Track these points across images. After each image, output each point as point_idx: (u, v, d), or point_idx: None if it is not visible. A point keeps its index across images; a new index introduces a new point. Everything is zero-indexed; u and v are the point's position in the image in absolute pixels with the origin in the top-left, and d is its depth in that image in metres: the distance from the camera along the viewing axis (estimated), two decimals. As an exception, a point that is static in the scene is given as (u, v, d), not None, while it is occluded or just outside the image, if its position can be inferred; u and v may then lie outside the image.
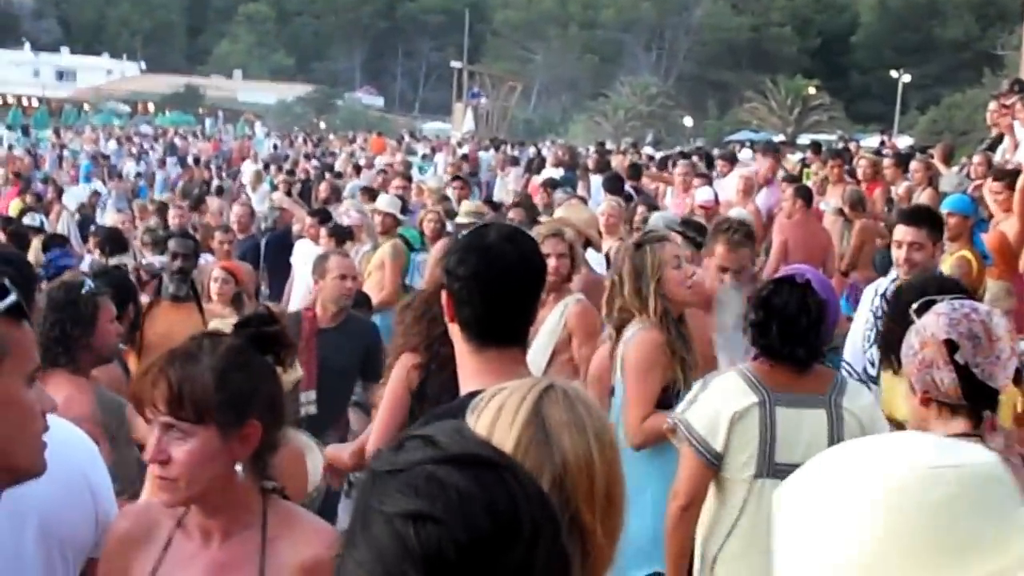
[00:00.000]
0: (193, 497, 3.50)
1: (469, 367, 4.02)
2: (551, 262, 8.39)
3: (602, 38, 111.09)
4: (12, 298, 2.94)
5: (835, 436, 5.37)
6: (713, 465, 5.55)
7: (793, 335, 5.40)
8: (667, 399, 6.39)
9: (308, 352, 8.86)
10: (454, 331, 4.05)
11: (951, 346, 4.10)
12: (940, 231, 8.27)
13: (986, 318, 4.19)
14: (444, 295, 4.02)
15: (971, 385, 4.10)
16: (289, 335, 3.85)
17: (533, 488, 1.98)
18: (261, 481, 3.62)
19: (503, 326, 3.99)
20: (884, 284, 8.47)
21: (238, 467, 3.59)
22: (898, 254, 8.02)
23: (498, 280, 3.94)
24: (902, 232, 8.02)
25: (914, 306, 4.31)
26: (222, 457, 3.47)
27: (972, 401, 4.12)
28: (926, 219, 8.21)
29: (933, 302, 4.40)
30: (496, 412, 2.71)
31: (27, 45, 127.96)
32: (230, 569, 3.62)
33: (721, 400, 5.50)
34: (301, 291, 15.24)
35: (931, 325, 4.18)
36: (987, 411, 4.15)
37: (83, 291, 6.64)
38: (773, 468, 5.39)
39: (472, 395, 3.90)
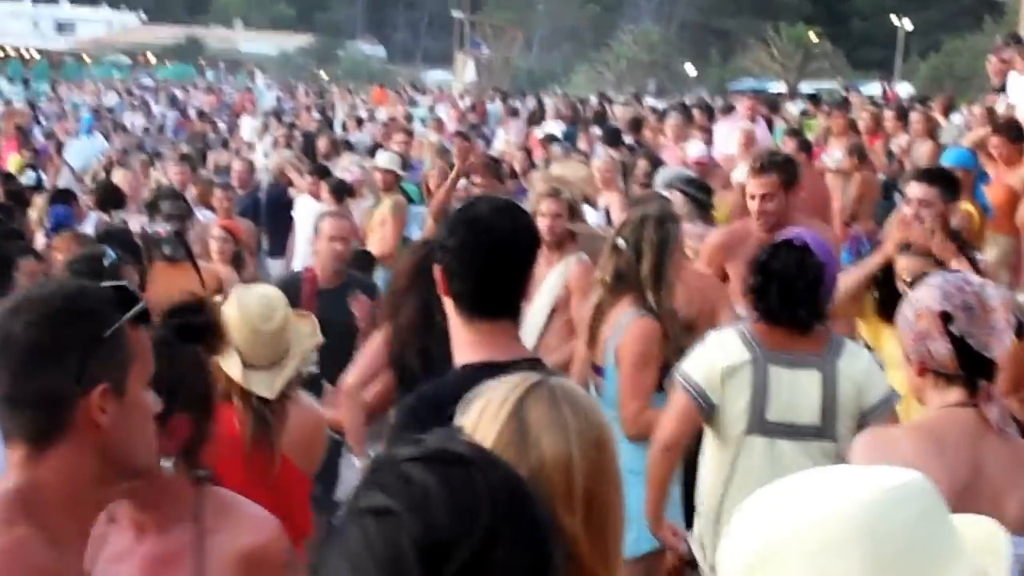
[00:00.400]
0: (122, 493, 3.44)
1: (462, 339, 4.02)
2: (546, 222, 8.46)
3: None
4: (142, 305, 3.01)
5: (828, 397, 5.42)
6: (704, 411, 5.62)
7: (792, 297, 5.43)
8: (662, 379, 6.46)
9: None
10: (447, 304, 4.03)
11: (946, 318, 4.09)
12: (954, 191, 8.03)
13: (980, 289, 4.18)
14: (436, 268, 4.01)
15: (966, 355, 4.10)
16: (220, 323, 3.75)
17: (510, 489, 1.96)
18: (193, 472, 3.56)
19: (495, 298, 3.98)
20: None
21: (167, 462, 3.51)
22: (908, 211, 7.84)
23: (489, 253, 3.94)
24: (919, 191, 7.83)
25: (908, 279, 4.30)
26: None
27: (968, 371, 4.11)
28: (939, 178, 8.05)
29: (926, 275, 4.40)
30: (480, 411, 2.67)
31: None
32: (166, 562, 3.61)
33: (716, 354, 5.57)
34: (302, 247, 15.27)
35: (925, 297, 4.17)
36: (983, 380, 4.12)
37: (106, 263, 6.68)
38: (764, 426, 5.45)
39: (465, 367, 3.92)
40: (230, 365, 5.16)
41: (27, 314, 2.90)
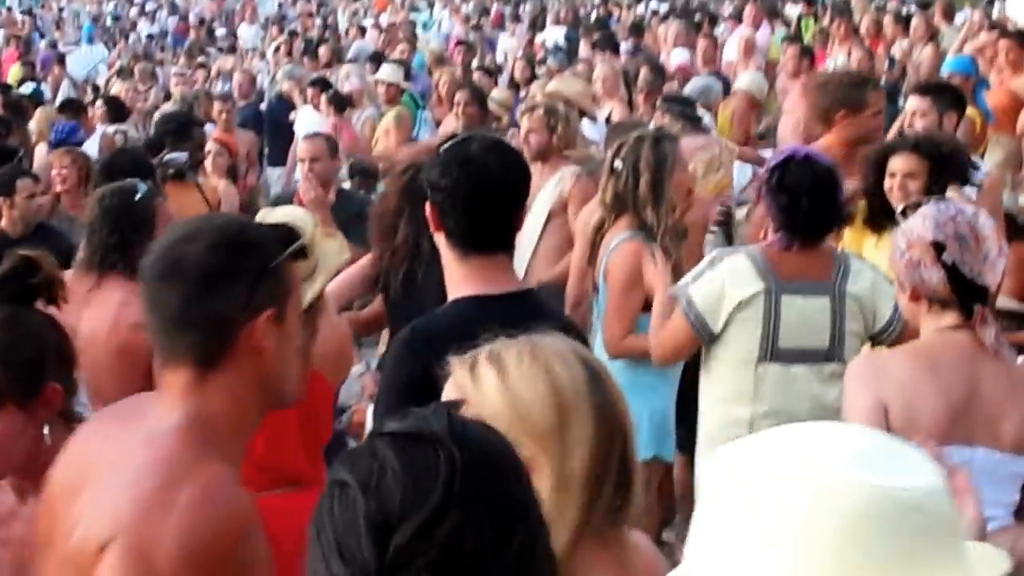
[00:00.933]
0: (8, 471, 3.48)
1: (456, 274, 4.03)
2: (525, 137, 8.58)
3: None
4: (301, 242, 3.19)
5: (837, 321, 5.40)
6: (703, 339, 5.59)
7: (822, 205, 5.40)
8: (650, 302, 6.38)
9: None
10: (440, 239, 4.04)
11: (938, 247, 4.07)
12: (960, 104, 8.02)
13: (972, 219, 4.16)
14: (428, 206, 4.02)
15: (959, 282, 4.07)
16: (54, 271, 3.60)
17: (477, 467, 1.95)
18: (71, 431, 3.42)
19: (488, 234, 3.99)
20: None
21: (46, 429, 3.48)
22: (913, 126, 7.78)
23: (481, 192, 3.95)
24: (917, 103, 7.81)
25: (901, 207, 4.25)
26: (28, 430, 3.40)
27: (961, 297, 4.08)
28: (941, 90, 8.07)
29: (918, 205, 4.35)
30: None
31: None
32: None
33: (728, 283, 5.48)
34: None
35: (917, 227, 4.15)
36: (977, 304, 4.09)
37: (137, 197, 6.54)
38: (777, 352, 5.41)
39: (458, 301, 3.92)
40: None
41: (201, 241, 3.01)
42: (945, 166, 6.88)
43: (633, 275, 6.35)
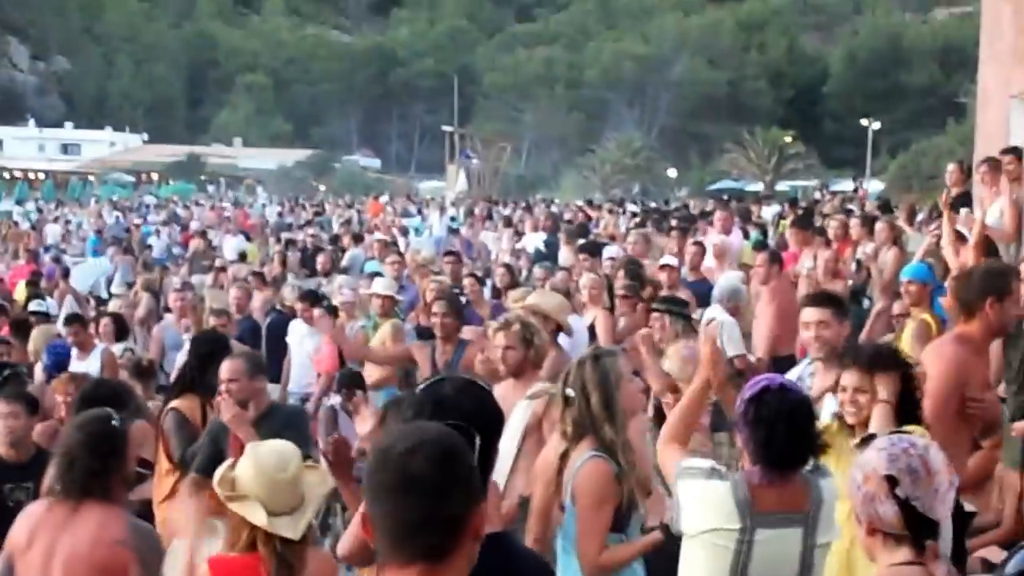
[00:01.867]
0: None
1: None
2: (499, 354, 8.74)
3: (587, 96, 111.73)
4: (476, 438, 3.77)
5: (807, 550, 5.39)
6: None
7: (798, 435, 5.38)
8: (619, 520, 6.43)
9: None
10: None
11: (892, 481, 4.10)
12: (844, 311, 8.43)
13: (924, 452, 4.20)
14: None
15: (912, 516, 4.11)
16: None
17: None
18: None
19: None
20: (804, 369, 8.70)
21: None
22: (807, 335, 8.26)
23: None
24: (809, 314, 8.22)
25: (855, 441, 4.30)
26: None
27: (914, 531, 4.11)
28: (830, 301, 8.42)
29: (873, 437, 4.40)
30: None
31: (32, 121, 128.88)
32: None
33: (704, 509, 5.46)
34: (296, 371, 15.31)
35: (872, 460, 4.19)
36: (929, 540, 4.12)
37: (114, 423, 6.63)
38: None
39: None
40: (255, 514, 5.34)
41: (426, 453, 3.29)
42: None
43: (599, 493, 6.37)
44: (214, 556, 5.49)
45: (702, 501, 5.42)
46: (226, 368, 9.14)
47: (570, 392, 6.57)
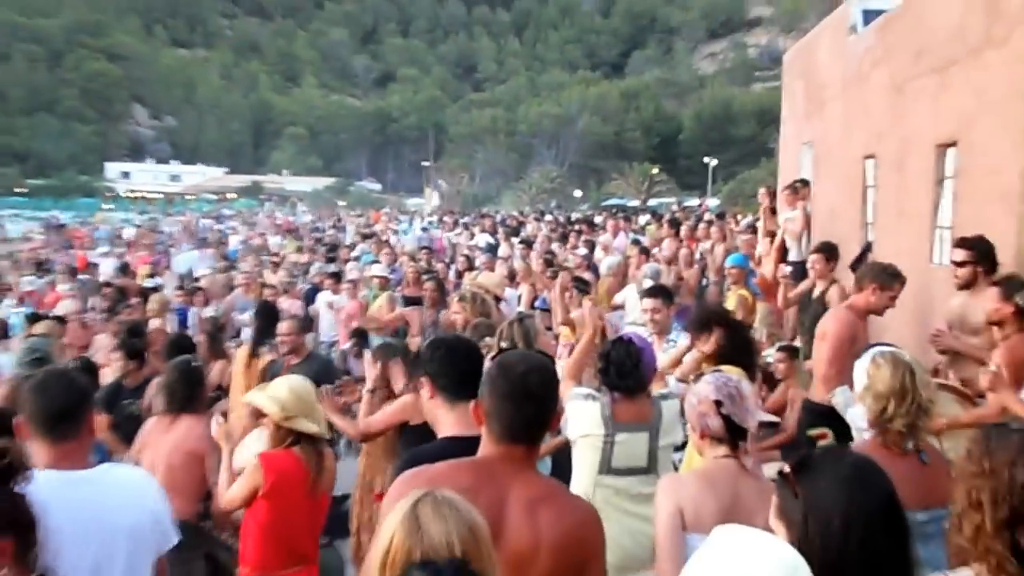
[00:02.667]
0: None
1: (444, 419, 3.95)
2: (457, 317, 8.81)
3: (519, 142, 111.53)
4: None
5: (652, 449, 5.34)
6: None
7: (624, 373, 5.35)
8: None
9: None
10: (434, 398, 3.99)
11: (719, 404, 4.10)
12: (671, 299, 8.21)
13: (738, 384, 4.20)
14: (424, 377, 4.00)
15: (730, 426, 4.09)
16: (20, 458, 3.07)
17: None
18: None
19: (464, 390, 3.86)
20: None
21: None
22: (646, 317, 8.11)
23: (465, 360, 4.03)
24: (649, 303, 8.04)
25: (692, 378, 4.28)
26: None
27: (731, 436, 4.10)
28: (661, 293, 8.26)
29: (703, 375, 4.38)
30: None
31: (149, 160, 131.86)
32: None
33: (584, 425, 5.41)
34: (324, 326, 15.26)
35: (703, 389, 4.18)
36: (741, 442, 4.12)
37: (196, 364, 6.90)
38: (612, 469, 5.32)
39: (446, 438, 3.88)
40: (305, 425, 5.34)
41: (540, 373, 3.39)
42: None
43: None
44: (263, 452, 5.41)
45: (582, 415, 5.40)
46: (283, 327, 9.16)
47: (504, 344, 6.54)
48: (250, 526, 5.30)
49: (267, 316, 10.04)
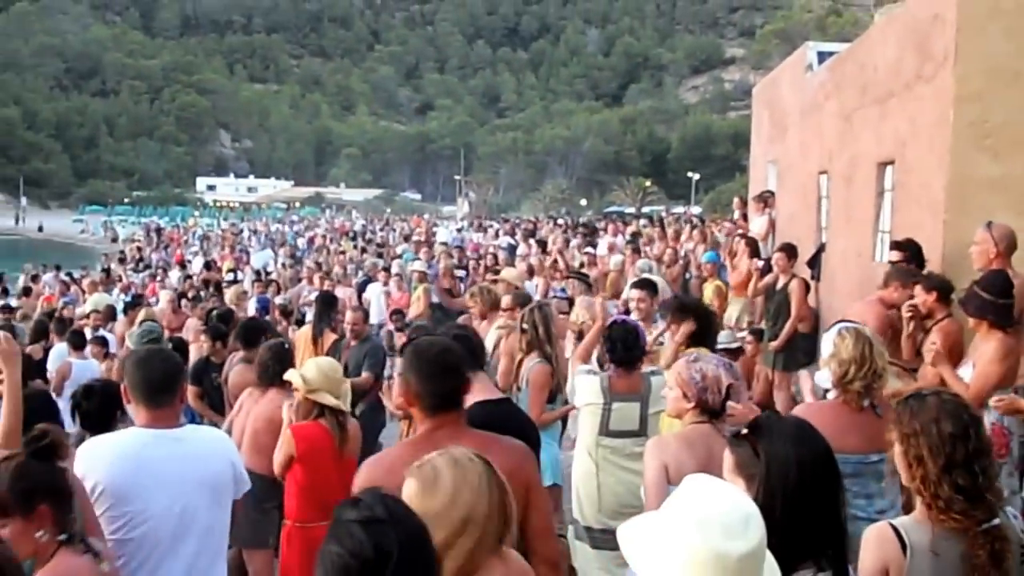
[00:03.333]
0: (20, 558, 2.76)
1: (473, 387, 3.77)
2: (474, 306, 8.65)
3: (536, 160, 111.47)
4: None
5: (643, 415, 5.32)
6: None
7: (630, 346, 5.35)
8: (551, 397, 6.37)
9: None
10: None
11: (730, 387, 4.00)
12: (655, 290, 7.51)
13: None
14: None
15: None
16: (58, 438, 2.98)
17: (409, 534, 2.01)
18: (72, 540, 2.95)
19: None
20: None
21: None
22: (632, 306, 7.38)
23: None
24: (635, 293, 7.38)
25: (691, 356, 4.14)
26: (27, 533, 2.86)
27: (721, 410, 3.99)
28: (647, 285, 7.70)
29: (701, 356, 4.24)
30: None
31: (231, 175, 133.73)
32: None
33: (587, 395, 5.41)
34: (375, 309, 15.21)
35: (715, 371, 3.99)
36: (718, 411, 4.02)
37: (286, 345, 6.75)
38: (609, 431, 5.32)
39: (476, 403, 3.78)
40: (327, 399, 5.17)
41: (453, 352, 3.37)
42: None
43: (542, 383, 6.27)
44: (293, 424, 5.24)
45: (586, 387, 5.40)
46: (351, 316, 9.06)
47: (525, 326, 6.46)
48: (291, 486, 5.20)
49: (326, 303, 10.00)
